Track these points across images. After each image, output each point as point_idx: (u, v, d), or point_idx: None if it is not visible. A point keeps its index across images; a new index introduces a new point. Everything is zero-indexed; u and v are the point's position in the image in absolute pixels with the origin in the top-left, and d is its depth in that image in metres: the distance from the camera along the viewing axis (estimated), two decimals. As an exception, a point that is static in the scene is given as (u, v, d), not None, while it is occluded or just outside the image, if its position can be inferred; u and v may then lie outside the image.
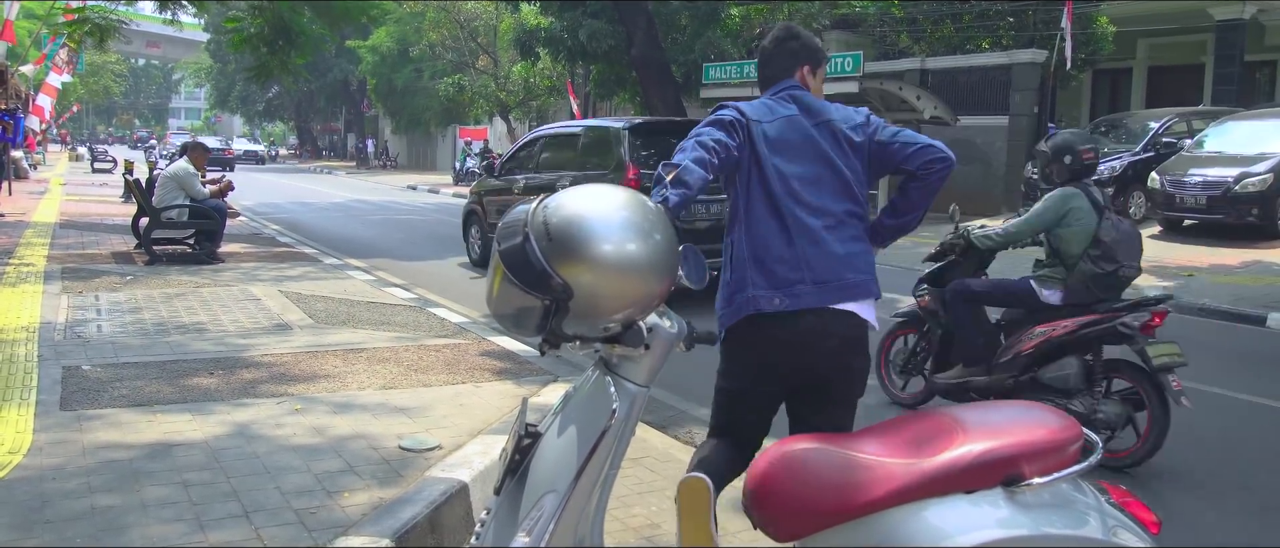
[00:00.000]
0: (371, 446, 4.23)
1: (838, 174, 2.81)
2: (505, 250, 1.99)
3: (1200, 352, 7.68)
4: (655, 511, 3.88)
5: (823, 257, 2.71)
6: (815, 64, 3.05)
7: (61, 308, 7.20)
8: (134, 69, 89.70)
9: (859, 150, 2.87)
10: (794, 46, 3.03)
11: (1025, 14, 18.78)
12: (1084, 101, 22.33)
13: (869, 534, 2.01)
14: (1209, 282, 10.73)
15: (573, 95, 26.69)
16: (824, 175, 2.80)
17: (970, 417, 2.15)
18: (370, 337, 6.67)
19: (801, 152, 2.81)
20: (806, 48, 3.04)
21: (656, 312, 2.14)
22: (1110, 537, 2.01)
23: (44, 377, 5.18)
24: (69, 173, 30.92)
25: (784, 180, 2.76)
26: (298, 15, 11.76)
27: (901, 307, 6.25)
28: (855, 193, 2.84)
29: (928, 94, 16.85)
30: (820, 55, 3.07)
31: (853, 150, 2.86)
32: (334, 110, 57.94)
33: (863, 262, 2.80)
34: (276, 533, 3.26)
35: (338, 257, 11.87)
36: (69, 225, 13.59)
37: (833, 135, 2.85)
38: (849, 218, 2.81)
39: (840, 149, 2.84)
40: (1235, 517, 4.19)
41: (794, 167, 2.78)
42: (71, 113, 58.03)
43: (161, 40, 67.99)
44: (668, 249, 2.04)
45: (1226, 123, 14.60)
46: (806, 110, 2.90)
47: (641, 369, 2.12)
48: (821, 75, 3.08)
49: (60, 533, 3.20)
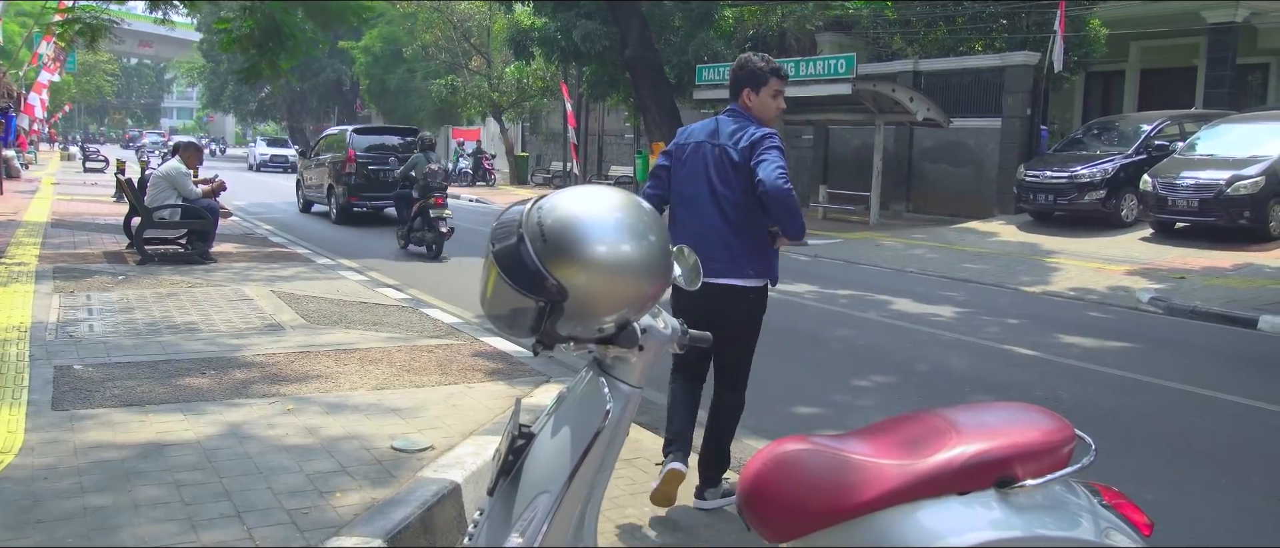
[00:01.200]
0: (364, 446, 4.22)
1: (711, 189, 3.83)
2: (500, 251, 1.99)
3: (1192, 354, 7.72)
4: (648, 512, 3.88)
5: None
6: (755, 85, 3.88)
7: (53, 308, 7.18)
8: (126, 68, 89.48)
9: (739, 169, 3.76)
10: (738, 74, 3.92)
11: (1018, 16, 18.83)
12: (1077, 104, 22.40)
13: (862, 535, 2.01)
14: (1201, 284, 10.77)
15: (567, 95, 26.68)
16: (701, 191, 3.86)
17: (964, 418, 2.16)
18: (363, 337, 6.66)
19: (692, 169, 3.90)
20: (748, 73, 3.89)
21: (650, 313, 2.14)
22: (1102, 538, 2.01)
23: (35, 377, 5.16)
24: (61, 172, 30.81)
25: (679, 193, 3.94)
26: (288, 16, 11.72)
27: None
28: (722, 205, 3.80)
29: (921, 96, 16.89)
30: (760, 77, 3.87)
31: (732, 168, 3.78)
32: (326, 110, 57.77)
33: (721, 252, 3.76)
34: (269, 533, 3.26)
35: (330, 257, 11.85)
36: (60, 225, 13.54)
37: (718, 156, 3.82)
38: (717, 221, 3.81)
39: (720, 167, 3.81)
40: (1227, 519, 4.21)
41: (685, 186, 3.93)
42: (63, 112, 57.83)
43: (153, 40, 67.75)
44: (662, 251, 2.04)
45: (1219, 126, 14.66)
46: (714, 132, 3.89)
47: (635, 370, 2.12)
48: (770, 90, 3.88)
49: (52, 533, 3.19)
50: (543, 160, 34.52)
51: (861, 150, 19.98)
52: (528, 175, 33.80)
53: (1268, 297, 9.81)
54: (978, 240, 15.19)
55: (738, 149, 3.76)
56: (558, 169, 31.49)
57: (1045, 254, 13.67)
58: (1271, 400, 6.13)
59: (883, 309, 9.32)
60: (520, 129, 37.05)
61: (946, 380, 6.58)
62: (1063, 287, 11.10)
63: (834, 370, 6.86)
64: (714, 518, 3.86)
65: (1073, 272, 12.14)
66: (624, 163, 28.61)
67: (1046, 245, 14.37)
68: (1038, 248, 14.22)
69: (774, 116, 3.97)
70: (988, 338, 8.04)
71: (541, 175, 32.82)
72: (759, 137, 3.73)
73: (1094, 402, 6.02)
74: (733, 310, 3.85)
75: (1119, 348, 7.80)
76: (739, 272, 3.80)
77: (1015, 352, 7.49)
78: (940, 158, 19.20)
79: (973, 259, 13.28)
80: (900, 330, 8.31)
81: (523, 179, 33.60)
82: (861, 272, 12.30)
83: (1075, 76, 20.26)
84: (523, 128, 37.02)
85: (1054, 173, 15.56)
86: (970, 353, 7.43)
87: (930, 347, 7.62)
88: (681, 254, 2.27)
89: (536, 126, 35.64)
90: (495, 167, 34.48)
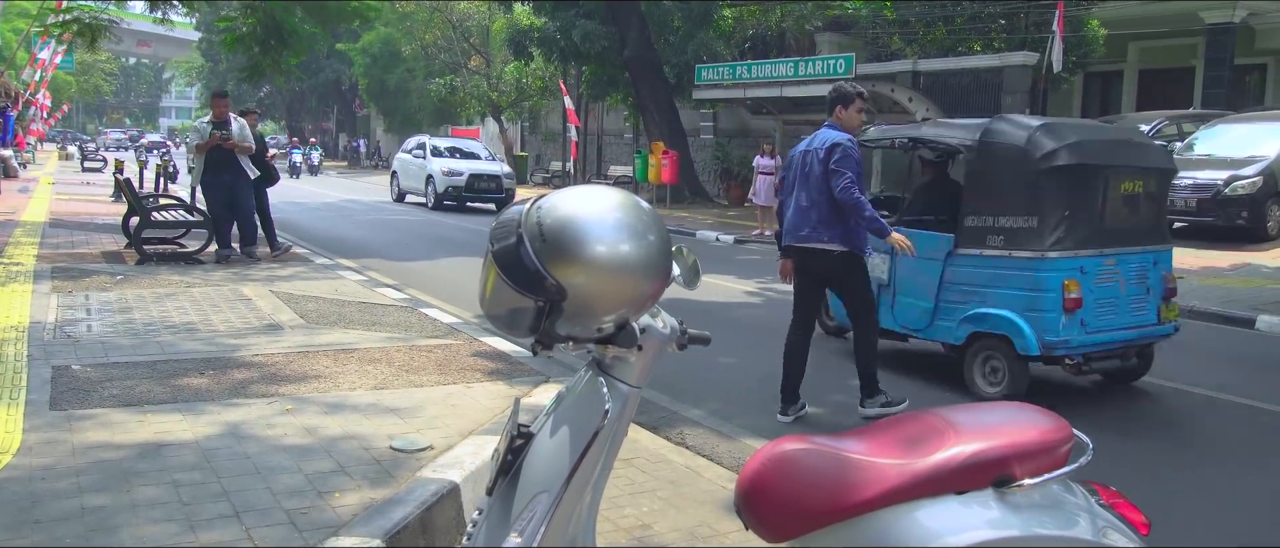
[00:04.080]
0: (363, 446, 4.22)
1: (807, 178, 5.38)
2: (499, 251, 1.99)
3: (1190, 354, 7.72)
4: (646, 511, 3.89)
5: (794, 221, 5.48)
6: (845, 103, 5.42)
7: (51, 307, 7.17)
8: (124, 68, 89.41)
9: (822, 164, 5.25)
10: (833, 95, 5.52)
11: (1017, 17, 18.85)
12: (1075, 104, 22.41)
13: (861, 535, 2.01)
14: (1198, 284, 10.78)
15: (566, 93, 26.69)
16: (799, 180, 5.45)
17: (962, 418, 2.16)
18: (362, 337, 6.66)
19: (799, 166, 5.49)
20: (840, 94, 5.49)
21: (649, 312, 2.15)
22: (1100, 538, 2.02)
23: (33, 377, 5.15)
24: (59, 171, 30.79)
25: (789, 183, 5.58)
26: (289, 15, 11.72)
27: None
28: (811, 190, 5.34)
29: (919, 96, 16.90)
30: (848, 98, 5.43)
31: (817, 163, 5.28)
32: (325, 110, 57.79)
33: (805, 224, 5.37)
34: (267, 534, 3.25)
35: (329, 257, 11.85)
36: (58, 224, 13.53)
37: (810, 159, 5.36)
38: (805, 202, 5.37)
39: (810, 165, 5.35)
40: (1225, 518, 4.21)
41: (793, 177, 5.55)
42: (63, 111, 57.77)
43: (152, 39, 67.68)
44: (661, 250, 2.04)
45: (1216, 126, 14.68)
46: (813, 139, 5.43)
47: (634, 370, 2.12)
48: (855, 107, 5.44)
49: (50, 533, 3.18)
50: (542, 160, 34.52)
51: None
52: (527, 175, 33.79)
53: (1265, 297, 9.82)
54: (976, 240, 15.17)
55: (822, 151, 5.26)
56: (557, 169, 31.49)
57: (1044, 254, 13.66)
58: (1269, 400, 6.13)
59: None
60: (519, 129, 37.05)
61: (945, 380, 6.58)
62: (1061, 287, 11.10)
63: (832, 370, 6.86)
64: (713, 517, 3.86)
65: (1071, 272, 12.14)
66: (623, 162, 28.59)
67: (1045, 245, 14.35)
68: (1036, 248, 14.21)
69: (857, 126, 5.50)
70: (986, 338, 8.03)
71: (541, 175, 32.82)
72: (833, 143, 5.23)
73: (1091, 401, 6.02)
74: (826, 266, 5.37)
75: (1117, 348, 7.79)
76: (818, 238, 5.30)
77: (1014, 352, 7.48)
78: (939, 158, 19.20)
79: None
80: (899, 330, 8.30)
81: (522, 179, 33.59)
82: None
83: (1074, 77, 20.27)
84: (522, 127, 37.01)
85: (1052, 173, 15.55)
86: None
87: (929, 346, 7.61)
88: (681, 254, 2.27)
89: (535, 126, 35.65)
90: (495, 166, 34.48)
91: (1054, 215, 5.66)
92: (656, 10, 21.41)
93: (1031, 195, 5.71)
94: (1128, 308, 5.95)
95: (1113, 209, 5.98)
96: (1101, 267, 5.82)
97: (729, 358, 6.92)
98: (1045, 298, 5.62)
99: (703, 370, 6.40)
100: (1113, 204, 5.97)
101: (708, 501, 4.05)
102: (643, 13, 20.71)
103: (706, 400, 5.75)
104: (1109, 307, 5.85)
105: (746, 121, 24.03)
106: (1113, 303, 5.87)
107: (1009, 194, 5.84)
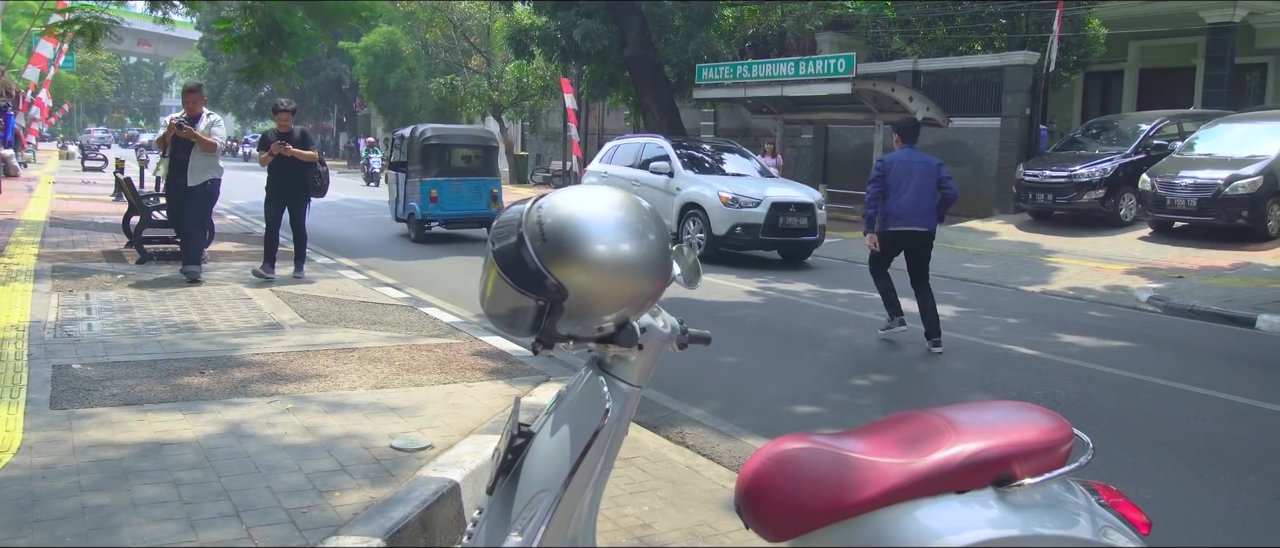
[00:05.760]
0: (363, 445, 4.22)
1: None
2: (499, 250, 1.99)
3: (1190, 353, 7.72)
4: (647, 510, 3.89)
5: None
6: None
7: (52, 306, 7.17)
8: (125, 67, 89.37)
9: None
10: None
11: (1018, 16, 18.84)
12: (1076, 103, 22.41)
13: (861, 534, 2.01)
14: (1199, 284, 10.78)
15: (568, 91, 26.67)
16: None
17: (962, 417, 2.16)
18: (362, 336, 6.66)
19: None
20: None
21: (650, 312, 2.15)
22: (1101, 537, 2.01)
23: (34, 376, 5.16)
24: (59, 171, 30.79)
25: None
26: (289, 15, 11.69)
27: None
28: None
29: (920, 95, 16.88)
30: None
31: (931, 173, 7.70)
32: (326, 109, 57.78)
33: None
34: (268, 533, 3.26)
35: (330, 256, 11.85)
36: (59, 223, 13.53)
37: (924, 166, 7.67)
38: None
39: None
40: (1225, 518, 4.21)
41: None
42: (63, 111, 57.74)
43: (153, 38, 67.63)
44: (661, 249, 2.04)
45: (1217, 125, 14.68)
46: (910, 152, 7.74)
47: (634, 369, 2.12)
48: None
49: (51, 532, 3.18)
50: (542, 159, 34.52)
51: (861, 150, 19.97)
52: (528, 174, 33.79)
53: (1266, 296, 9.82)
54: (977, 240, 15.19)
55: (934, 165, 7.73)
56: (558, 168, 31.48)
57: (1044, 254, 13.68)
58: (1269, 399, 6.14)
59: (882, 309, 9.30)
60: (520, 128, 37.04)
61: (945, 379, 6.58)
62: (1061, 286, 11.11)
63: (833, 369, 6.87)
64: (714, 516, 3.86)
65: (1071, 271, 12.15)
66: (624, 162, 28.57)
67: (1045, 245, 14.38)
68: (1037, 247, 14.24)
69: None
70: (987, 337, 8.04)
71: (541, 174, 32.82)
72: (939, 163, 7.78)
73: (1092, 401, 6.02)
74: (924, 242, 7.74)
75: (1117, 347, 7.81)
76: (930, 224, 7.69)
77: (1014, 351, 7.50)
78: (939, 157, 19.13)
79: (972, 258, 13.29)
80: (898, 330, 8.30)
81: (523, 178, 33.59)
82: (861, 271, 12.25)
83: (1074, 76, 20.26)
84: (522, 127, 37.01)
85: (1053, 172, 15.58)
86: (969, 352, 7.43)
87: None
88: (681, 253, 2.27)
89: (536, 126, 35.64)
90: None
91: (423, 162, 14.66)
92: (657, 9, 21.39)
93: (419, 154, 14.67)
94: (467, 202, 14.75)
95: (455, 160, 15.07)
96: (450, 184, 14.67)
97: (729, 357, 6.92)
98: (423, 195, 14.47)
99: (703, 370, 6.40)
100: (455, 158, 15.08)
101: (708, 500, 4.06)
102: (643, 12, 20.68)
103: (707, 400, 5.75)
104: (455, 201, 14.70)
105: (747, 121, 24.03)
106: (458, 199, 14.72)
107: (409, 154, 14.94)
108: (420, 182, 14.55)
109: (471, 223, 15.23)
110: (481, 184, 14.94)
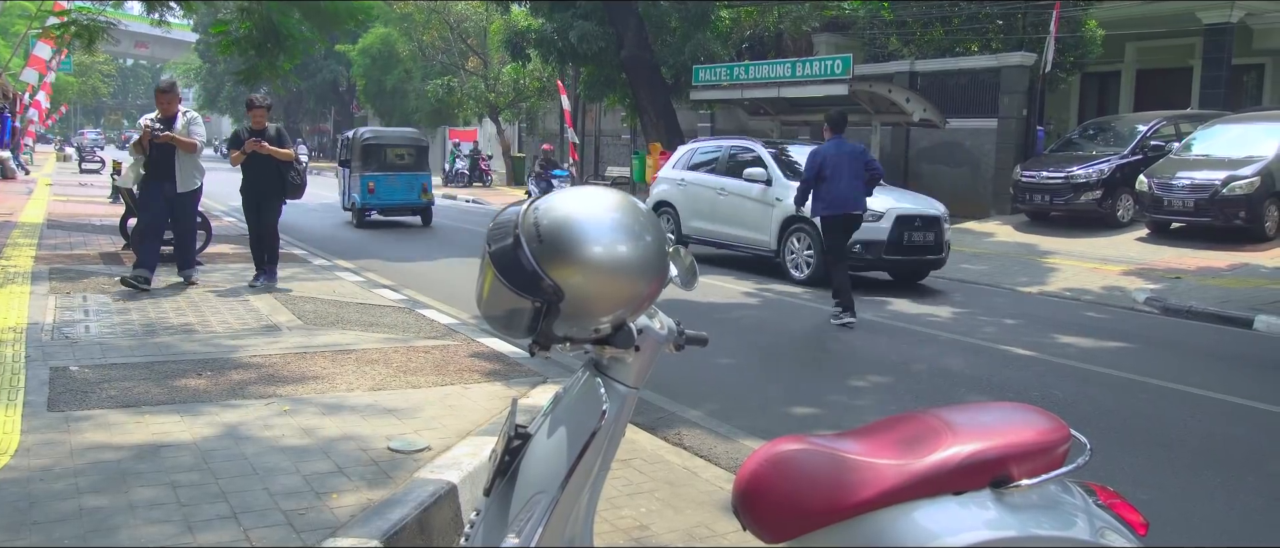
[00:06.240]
0: (360, 447, 4.22)
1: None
2: (496, 252, 1.99)
3: (1187, 354, 7.73)
4: (644, 511, 3.89)
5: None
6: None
7: (49, 309, 7.16)
8: (122, 69, 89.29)
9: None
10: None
11: (1015, 17, 18.85)
12: (1073, 104, 22.42)
13: (858, 535, 2.01)
14: (1196, 284, 10.79)
15: (563, 93, 26.67)
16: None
17: (959, 418, 2.16)
18: (359, 338, 6.66)
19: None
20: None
21: (647, 313, 2.15)
22: (1098, 538, 2.01)
23: (31, 378, 5.15)
24: (56, 173, 30.74)
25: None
26: (286, 17, 11.71)
27: None
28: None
29: (917, 96, 16.88)
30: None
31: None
32: (323, 111, 57.74)
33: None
34: (265, 534, 3.25)
35: (326, 258, 11.85)
36: (56, 226, 13.52)
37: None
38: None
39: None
40: (1222, 518, 4.21)
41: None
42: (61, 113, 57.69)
43: (150, 40, 67.64)
44: (658, 251, 2.04)
45: (1214, 126, 14.69)
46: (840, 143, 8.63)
47: (631, 371, 2.12)
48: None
49: (48, 534, 3.18)
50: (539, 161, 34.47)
51: (858, 151, 19.95)
52: (525, 176, 33.75)
53: (1263, 296, 9.84)
54: (974, 241, 15.21)
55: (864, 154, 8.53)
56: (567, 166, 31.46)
57: (1041, 254, 13.70)
58: (1267, 400, 6.14)
59: (879, 309, 9.33)
60: (517, 130, 37.01)
61: (943, 380, 6.59)
62: (1059, 287, 11.12)
63: (830, 370, 6.87)
64: (711, 518, 3.86)
65: (1069, 272, 12.16)
66: (621, 163, 28.59)
67: (1043, 246, 14.39)
68: (1034, 248, 14.25)
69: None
70: (984, 338, 8.05)
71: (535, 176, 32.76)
72: (864, 148, 8.51)
73: (1090, 402, 6.03)
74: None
75: (1115, 348, 7.82)
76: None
77: (1011, 352, 7.50)
78: (937, 158, 19.21)
79: (969, 259, 13.29)
80: (897, 330, 8.32)
81: (519, 180, 33.56)
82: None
83: (1071, 77, 20.27)
84: (519, 129, 36.98)
85: (1050, 173, 15.59)
86: (966, 353, 7.44)
87: (926, 347, 7.63)
88: (677, 254, 2.28)
89: (533, 127, 35.63)
90: (492, 167, 34.47)
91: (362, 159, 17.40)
92: (654, 11, 21.39)
93: (359, 152, 17.38)
94: (401, 193, 17.17)
95: (390, 157, 17.49)
96: (386, 178, 17.13)
97: (726, 359, 6.92)
98: (362, 188, 16.92)
99: (700, 371, 6.40)
100: (389, 156, 17.51)
101: (705, 501, 4.06)
102: (640, 14, 20.69)
103: (704, 401, 5.75)
104: (390, 192, 17.13)
105: (744, 122, 24.01)
106: (392, 190, 17.13)
107: (351, 152, 17.76)
108: (360, 176, 17.15)
109: (405, 211, 17.63)
110: (413, 178, 17.53)
